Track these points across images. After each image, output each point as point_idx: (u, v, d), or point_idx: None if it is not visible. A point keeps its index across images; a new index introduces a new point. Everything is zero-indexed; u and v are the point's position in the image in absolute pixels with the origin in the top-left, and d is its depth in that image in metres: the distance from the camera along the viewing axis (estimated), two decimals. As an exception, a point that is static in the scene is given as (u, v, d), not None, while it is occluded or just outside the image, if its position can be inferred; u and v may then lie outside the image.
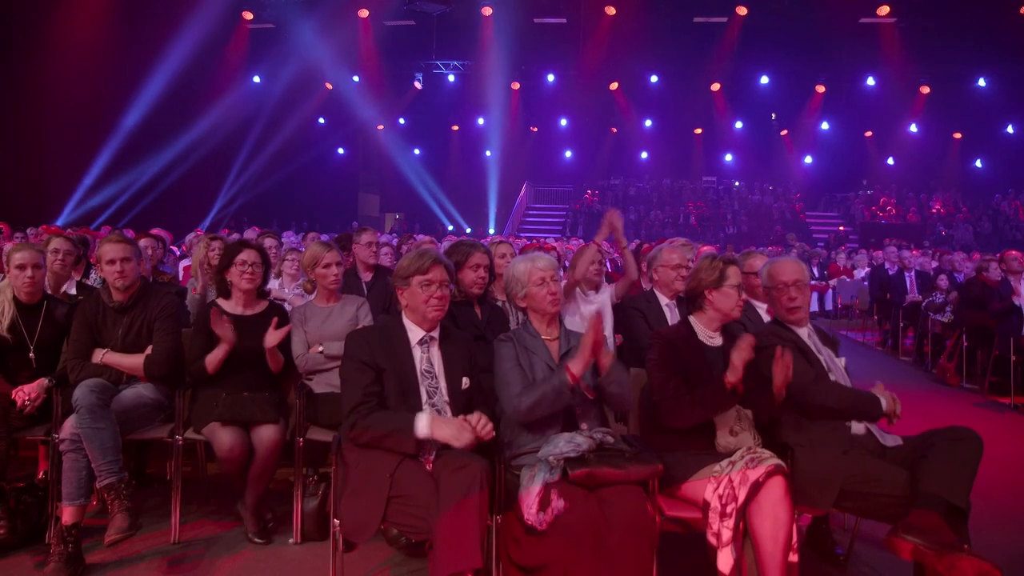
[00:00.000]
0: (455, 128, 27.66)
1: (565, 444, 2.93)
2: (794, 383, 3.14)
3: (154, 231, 7.19)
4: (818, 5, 19.01)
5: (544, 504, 2.77)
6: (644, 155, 27.78)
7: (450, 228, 25.88)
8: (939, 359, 8.79)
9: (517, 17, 20.91)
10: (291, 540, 3.83)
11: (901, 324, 10.48)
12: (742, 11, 19.94)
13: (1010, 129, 23.72)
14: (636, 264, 4.98)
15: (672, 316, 4.30)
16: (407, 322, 3.16)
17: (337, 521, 2.96)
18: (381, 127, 27.54)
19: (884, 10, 19.61)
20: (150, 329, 3.90)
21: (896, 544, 2.82)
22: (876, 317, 11.67)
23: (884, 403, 3.22)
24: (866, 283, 12.15)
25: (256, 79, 23.23)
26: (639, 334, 4.22)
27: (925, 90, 22.98)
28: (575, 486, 2.84)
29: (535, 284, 3.27)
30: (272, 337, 3.78)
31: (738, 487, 2.91)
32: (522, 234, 22.29)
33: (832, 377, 3.34)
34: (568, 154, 28.03)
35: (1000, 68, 21.10)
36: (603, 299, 4.60)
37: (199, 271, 5.29)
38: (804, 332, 3.42)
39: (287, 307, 4.55)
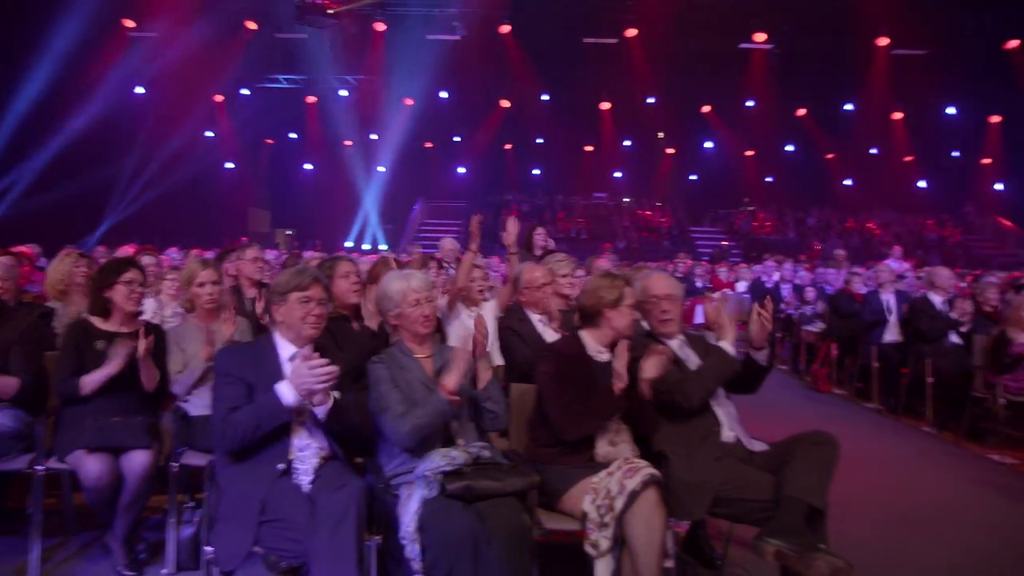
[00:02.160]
0: (348, 143, 27.32)
1: (441, 459, 2.93)
2: (666, 391, 3.27)
3: (16, 248, 6.80)
4: (700, 30, 19.76)
5: None
6: (537, 172, 28.17)
7: (347, 244, 25.47)
8: (811, 367, 9.27)
9: (411, 33, 20.89)
10: (164, 571, 3.66)
11: (778, 335, 10.99)
12: (630, 33, 20.53)
13: (874, 151, 25.40)
14: None
15: (545, 331, 4.37)
16: (279, 339, 3.11)
17: (210, 548, 2.86)
18: (271, 141, 26.86)
19: (761, 37, 20.63)
20: (6, 352, 3.68)
21: (761, 548, 2.95)
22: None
23: (727, 347, 3.39)
24: (747, 295, 12.66)
25: (139, 89, 22.29)
26: (515, 352, 4.27)
27: (801, 112, 24.29)
28: (453, 500, 2.86)
29: (409, 304, 3.25)
30: (142, 345, 3.63)
31: (615, 497, 2.99)
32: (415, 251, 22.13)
33: None
34: (462, 170, 28.12)
35: (863, 93, 22.54)
36: (486, 314, 4.63)
37: (72, 291, 5.01)
38: (676, 343, 3.56)
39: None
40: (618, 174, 27.44)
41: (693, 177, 27.00)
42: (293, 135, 26.71)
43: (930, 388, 7.24)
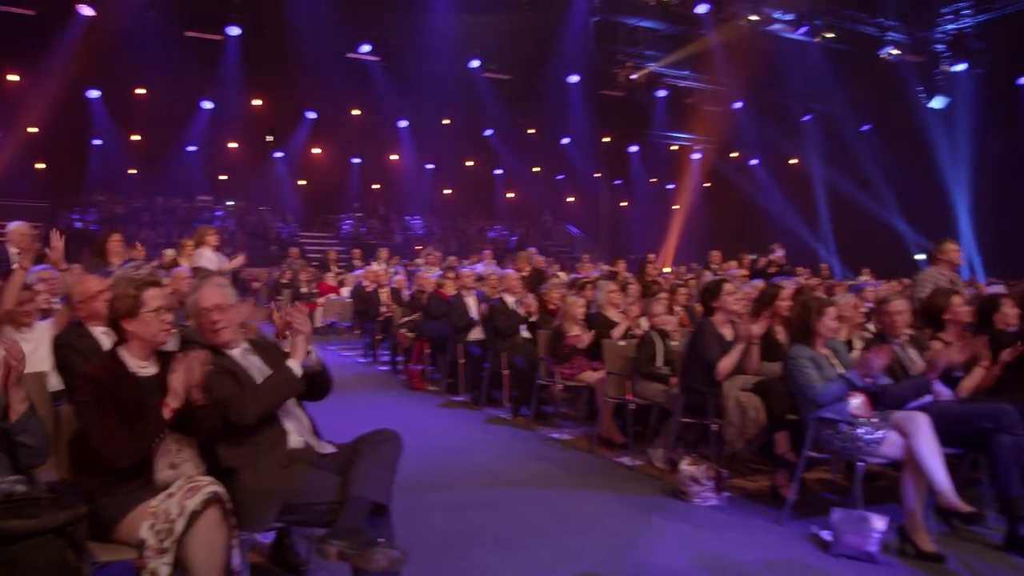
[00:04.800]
0: None
1: (-41, 503, 2.56)
2: (222, 406, 3.21)
3: None
4: (308, 36, 19.71)
5: None
6: (133, 171, 25.73)
7: None
8: (407, 366, 9.79)
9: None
10: None
11: (378, 337, 11.44)
12: (234, 31, 19.79)
13: (470, 163, 27.68)
14: None
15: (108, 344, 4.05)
16: None
17: None
18: None
19: (366, 48, 21.24)
20: None
21: (324, 550, 3.03)
22: (358, 331, 12.63)
23: (294, 365, 3.39)
24: (351, 299, 13.00)
25: None
26: (75, 371, 3.89)
27: (403, 123, 25.48)
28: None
29: None
30: None
31: (175, 520, 2.87)
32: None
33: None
34: (41, 166, 24.62)
35: (458, 111, 24.40)
36: (38, 336, 4.13)
37: None
38: (237, 352, 3.51)
39: None
40: (223, 176, 26.21)
41: (303, 182, 26.82)
42: None
43: (506, 379, 8.10)
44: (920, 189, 20.26)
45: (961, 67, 20.60)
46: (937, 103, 20.99)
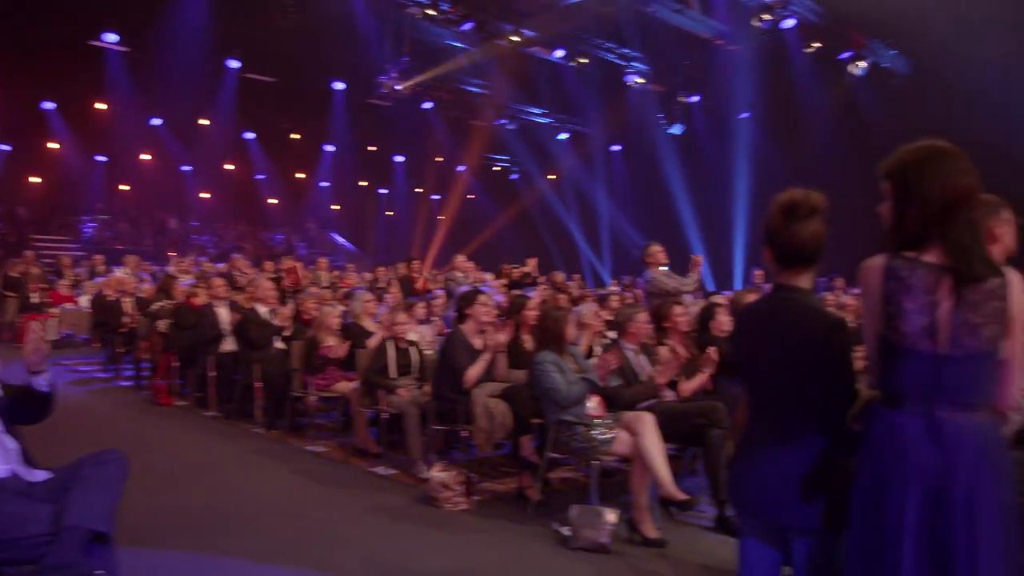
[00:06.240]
0: None
1: None
2: None
3: None
4: (44, 16, 17.81)
5: None
6: None
7: None
8: (152, 381, 9.16)
9: None
10: None
11: (120, 350, 10.57)
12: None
13: (230, 167, 26.35)
14: None
15: None
16: None
17: None
18: None
19: (112, 38, 19.53)
20: None
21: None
22: (97, 344, 11.59)
23: None
24: (90, 309, 11.92)
25: None
26: None
27: (157, 121, 23.69)
28: None
29: None
30: None
31: None
32: None
33: None
34: None
35: (217, 112, 23.11)
36: None
37: None
38: None
39: None
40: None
41: (36, 179, 24.08)
42: None
43: (259, 392, 7.82)
44: (663, 206, 21.97)
45: (695, 99, 22.82)
46: (675, 130, 23.03)
